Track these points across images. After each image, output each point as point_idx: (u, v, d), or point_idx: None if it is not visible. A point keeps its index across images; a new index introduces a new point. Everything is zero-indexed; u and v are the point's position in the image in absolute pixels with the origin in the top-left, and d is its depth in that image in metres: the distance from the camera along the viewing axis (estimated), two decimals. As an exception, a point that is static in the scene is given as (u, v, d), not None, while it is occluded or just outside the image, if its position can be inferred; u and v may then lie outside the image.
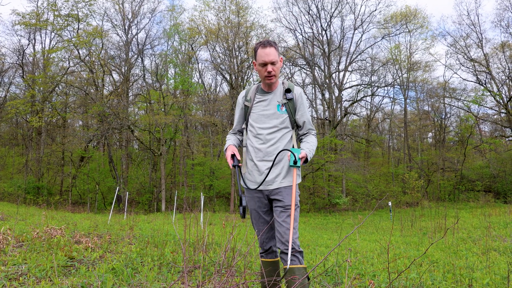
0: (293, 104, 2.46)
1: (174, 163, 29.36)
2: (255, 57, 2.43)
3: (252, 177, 2.46)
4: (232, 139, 2.59)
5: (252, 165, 2.46)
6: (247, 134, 2.54)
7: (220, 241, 5.68)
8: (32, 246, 4.09)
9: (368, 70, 30.23)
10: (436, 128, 32.88)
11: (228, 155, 2.41)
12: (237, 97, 2.61)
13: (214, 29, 26.03)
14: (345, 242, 7.44)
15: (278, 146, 2.41)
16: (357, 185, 26.43)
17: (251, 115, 2.51)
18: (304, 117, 2.49)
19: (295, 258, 2.26)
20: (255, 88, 2.58)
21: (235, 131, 2.66)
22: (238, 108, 2.61)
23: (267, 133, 2.42)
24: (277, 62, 2.39)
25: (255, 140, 2.46)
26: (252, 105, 2.51)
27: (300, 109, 2.48)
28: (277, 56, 2.38)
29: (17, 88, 29.36)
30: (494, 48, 27.21)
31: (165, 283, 3.07)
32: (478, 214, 14.74)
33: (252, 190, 2.45)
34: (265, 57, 2.34)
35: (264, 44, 2.37)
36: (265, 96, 2.49)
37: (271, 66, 2.36)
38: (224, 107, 28.64)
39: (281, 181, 2.39)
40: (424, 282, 3.36)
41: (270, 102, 2.47)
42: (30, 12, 23.96)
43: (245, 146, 2.55)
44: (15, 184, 22.90)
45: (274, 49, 2.37)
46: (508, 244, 6.51)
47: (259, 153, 2.43)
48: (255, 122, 2.48)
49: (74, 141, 24.74)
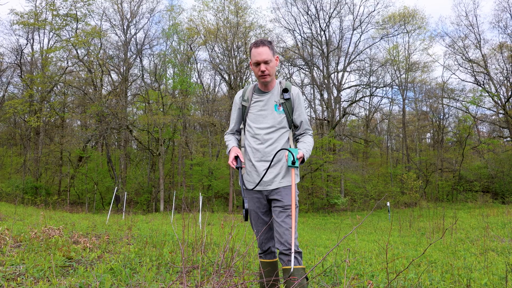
0: (290, 104, 2.45)
1: (173, 163, 29.33)
2: (250, 57, 2.45)
3: (250, 178, 2.45)
4: (233, 140, 2.57)
5: (251, 165, 2.45)
6: (244, 134, 2.53)
7: (218, 241, 5.68)
8: (30, 246, 4.08)
9: (367, 70, 30.30)
10: (435, 129, 32.94)
11: (231, 156, 2.40)
12: (234, 98, 2.60)
13: (213, 29, 26.02)
14: (343, 242, 7.45)
15: (276, 146, 2.40)
16: (355, 185, 26.45)
17: (249, 115, 2.50)
18: (301, 117, 2.48)
19: (294, 259, 2.24)
20: (252, 88, 2.56)
21: (233, 131, 2.64)
22: (235, 108, 2.60)
23: (264, 133, 2.41)
24: (271, 61, 2.37)
25: (252, 141, 2.45)
26: (250, 105, 2.50)
27: (298, 109, 2.47)
28: (270, 55, 2.36)
29: (15, 87, 29.33)
30: (492, 49, 27.29)
31: (163, 283, 3.07)
32: (476, 215, 14.78)
33: (251, 191, 2.44)
34: (258, 56, 2.34)
35: (257, 43, 2.37)
36: (262, 96, 2.48)
37: (264, 65, 2.35)
38: (222, 107, 28.61)
39: (280, 181, 2.38)
40: (423, 283, 3.37)
41: (267, 102, 2.46)
42: (29, 11, 23.93)
43: (243, 146, 2.54)
44: (13, 184, 22.84)
45: (268, 48, 2.35)
46: (506, 244, 6.52)
47: (257, 153, 2.41)
48: (253, 122, 2.46)
49: (72, 141, 24.68)
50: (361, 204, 25.17)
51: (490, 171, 26.67)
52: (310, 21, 28.21)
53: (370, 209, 23.55)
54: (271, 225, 2.47)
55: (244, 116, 2.53)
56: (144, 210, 23.21)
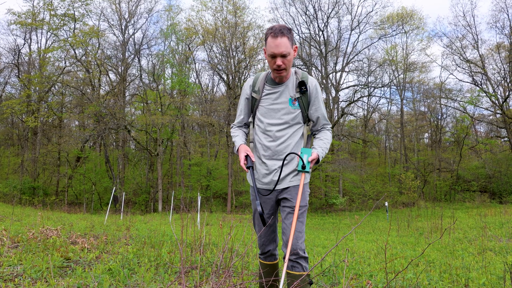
0: (306, 98, 2.20)
1: (171, 163, 29.30)
2: (265, 44, 2.14)
3: (257, 175, 2.26)
4: (240, 135, 2.33)
5: (260, 162, 2.25)
6: (254, 129, 2.31)
7: (217, 242, 5.67)
8: (28, 247, 4.06)
9: (365, 70, 30.36)
10: (432, 129, 33.04)
11: (241, 157, 2.17)
12: (243, 85, 2.45)
13: (211, 29, 26.02)
14: (342, 243, 7.45)
15: (289, 143, 2.20)
16: (354, 185, 26.50)
17: (259, 109, 2.25)
18: (318, 112, 2.25)
19: (298, 265, 2.12)
20: (264, 77, 2.28)
21: (241, 124, 2.39)
22: (243, 97, 2.34)
23: (276, 130, 2.19)
24: (289, 54, 2.08)
25: (263, 137, 2.23)
26: (261, 97, 2.24)
27: (315, 103, 2.22)
28: (289, 47, 2.07)
29: (13, 87, 29.26)
30: (489, 49, 27.41)
31: (162, 283, 3.06)
32: (474, 214, 14.83)
33: (262, 191, 2.26)
34: (275, 48, 2.05)
35: (276, 32, 2.05)
36: (276, 88, 2.21)
37: (280, 59, 2.07)
38: (221, 107, 28.61)
39: (291, 179, 2.20)
40: (421, 282, 3.37)
41: (281, 95, 2.20)
42: (26, 11, 23.85)
43: (252, 141, 2.32)
44: (10, 185, 22.77)
45: (287, 40, 2.05)
46: (504, 244, 6.54)
47: (268, 151, 2.21)
48: (264, 117, 2.23)
49: (70, 141, 24.62)
50: (360, 204, 25.21)
51: (487, 171, 26.77)
52: (308, 21, 28.25)
53: (369, 209, 23.59)
54: (273, 228, 2.33)
55: (253, 108, 2.29)
56: (142, 211, 23.18)
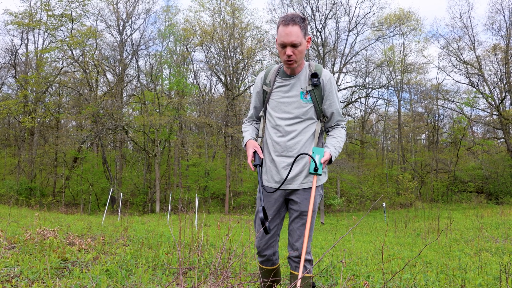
0: (320, 92, 2.08)
1: (169, 164, 29.25)
2: (276, 34, 2.05)
3: (269, 176, 2.15)
4: (250, 131, 2.24)
5: (270, 160, 2.13)
6: (265, 123, 2.21)
7: (215, 242, 5.67)
8: (25, 248, 4.05)
9: (363, 71, 30.44)
10: (430, 130, 33.17)
11: (249, 153, 2.08)
12: (255, 79, 2.42)
13: (209, 30, 26.02)
14: (340, 243, 7.47)
15: (299, 139, 2.08)
16: (351, 186, 26.55)
17: (270, 102, 2.15)
18: (332, 107, 2.12)
19: (303, 267, 2.04)
20: (276, 70, 2.18)
21: (252, 118, 2.31)
22: (254, 91, 2.26)
23: (286, 124, 2.09)
24: (301, 44, 1.98)
25: (273, 132, 2.12)
26: (272, 90, 2.15)
27: (329, 98, 2.10)
28: (301, 36, 1.97)
29: (10, 88, 29.14)
30: (486, 50, 27.57)
31: (159, 284, 3.06)
32: (470, 215, 14.90)
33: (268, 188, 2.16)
34: (285, 37, 1.96)
35: (287, 20, 1.96)
36: (287, 80, 2.12)
37: (290, 49, 1.97)
38: (219, 108, 28.60)
39: (301, 181, 2.08)
40: (418, 283, 3.39)
41: (292, 87, 2.10)
42: (23, 11, 23.78)
43: (261, 137, 2.23)
44: (7, 185, 22.66)
45: (299, 28, 1.96)
46: (500, 245, 6.58)
47: (277, 146, 2.10)
48: (274, 111, 2.13)
49: (67, 142, 24.56)
50: (357, 205, 25.27)
51: (484, 172, 26.89)
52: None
53: (366, 209, 23.64)
54: (274, 233, 2.20)
55: (264, 102, 2.20)
56: (140, 211, 23.13)
